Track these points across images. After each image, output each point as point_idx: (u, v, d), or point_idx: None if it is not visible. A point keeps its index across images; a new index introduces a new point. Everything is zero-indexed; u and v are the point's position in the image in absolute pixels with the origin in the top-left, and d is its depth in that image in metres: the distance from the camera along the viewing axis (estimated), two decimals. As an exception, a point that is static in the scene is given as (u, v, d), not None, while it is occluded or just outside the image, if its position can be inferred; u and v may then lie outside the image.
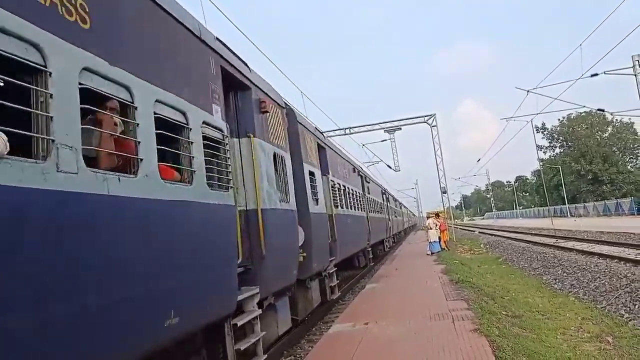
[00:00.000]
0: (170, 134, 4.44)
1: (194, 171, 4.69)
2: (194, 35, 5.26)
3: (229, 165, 5.65)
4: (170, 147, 4.46)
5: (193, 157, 4.72)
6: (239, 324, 5.55)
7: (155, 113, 4.17)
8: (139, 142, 3.89)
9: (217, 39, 6.00)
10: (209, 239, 4.92)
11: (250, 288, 6.02)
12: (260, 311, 6.18)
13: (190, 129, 4.75)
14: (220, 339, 5.37)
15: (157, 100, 4.22)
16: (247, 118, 6.75)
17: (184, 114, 4.68)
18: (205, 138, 5.07)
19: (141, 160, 3.86)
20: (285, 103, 9.01)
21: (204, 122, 5.09)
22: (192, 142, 4.75)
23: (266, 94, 7.54)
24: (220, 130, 5.55)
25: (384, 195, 31.02)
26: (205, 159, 4.98)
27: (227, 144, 5.70)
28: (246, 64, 6.99)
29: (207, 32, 5.67)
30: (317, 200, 10.20)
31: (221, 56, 5.94)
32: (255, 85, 7.13)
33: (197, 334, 5.13)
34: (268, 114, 7.44)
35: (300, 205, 8.88)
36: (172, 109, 4.50)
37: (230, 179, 5.58)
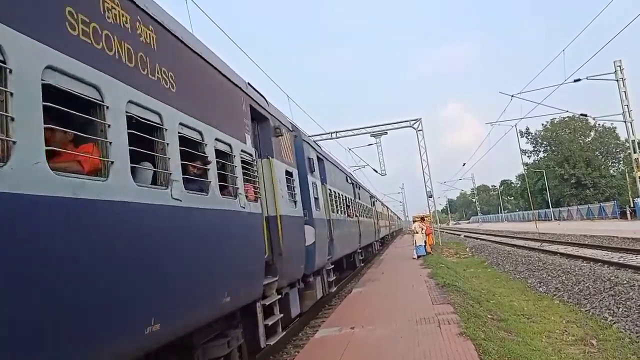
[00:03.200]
0: (223, 160, 5.63)
1: (238, 188, 5.85)
2: (237, 86, 6.59)
3: (257, 181, 6.82)
4: (224, 169, 5.68)
5: (237, 177, 5.88)
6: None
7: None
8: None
9: (249, 84, 7.26)
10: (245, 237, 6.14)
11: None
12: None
13: (234, 156, 5.88)
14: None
15: (216, 139, 5.37)
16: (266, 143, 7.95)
17: (229, 145, 5.81)
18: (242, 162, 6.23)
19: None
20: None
21: (241, 150, 6.24)
22: (235, 166, 5.88)
23: (279, 121, 8.64)
24: (251, 155, 6.70)
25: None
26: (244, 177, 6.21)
27: (255, 164, 6.83)
28: (266, 99, 8.21)
29: (241, 80, 6.93)
30: None
31: (251, 97, 7.18)
32: (272, 115, 8.25)
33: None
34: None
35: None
36: (223, 143, 5.62)
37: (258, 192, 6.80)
